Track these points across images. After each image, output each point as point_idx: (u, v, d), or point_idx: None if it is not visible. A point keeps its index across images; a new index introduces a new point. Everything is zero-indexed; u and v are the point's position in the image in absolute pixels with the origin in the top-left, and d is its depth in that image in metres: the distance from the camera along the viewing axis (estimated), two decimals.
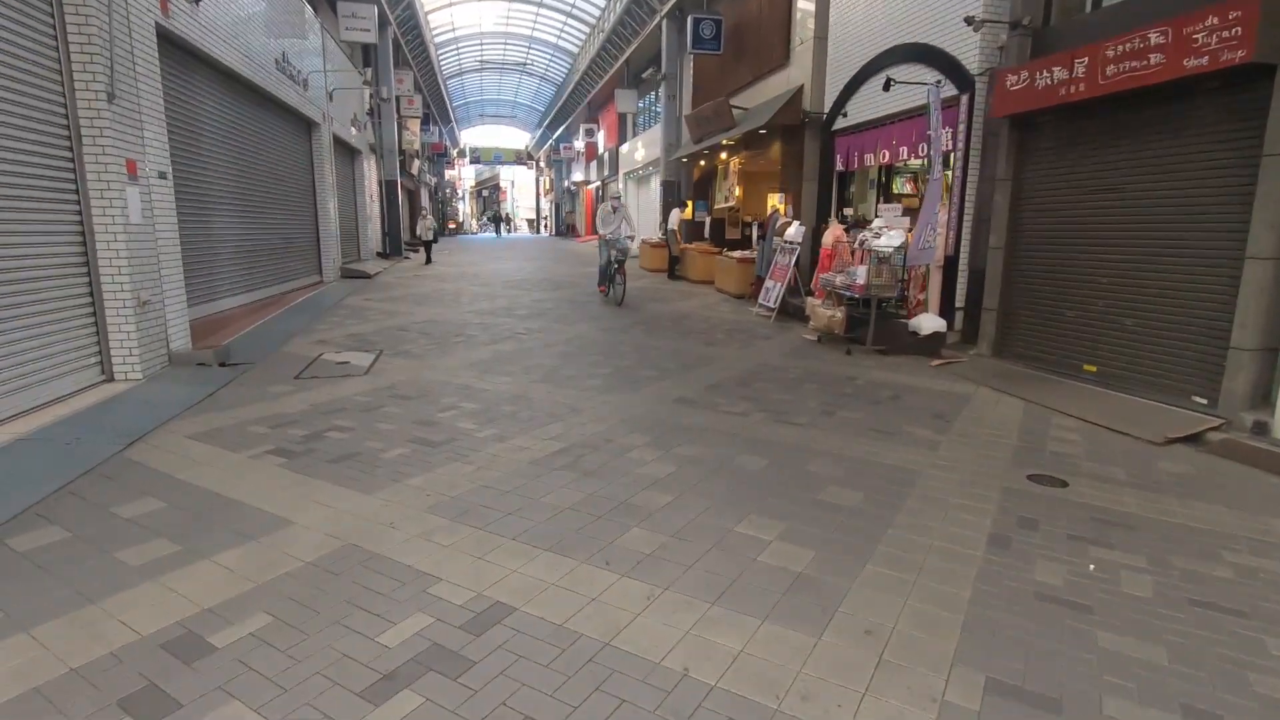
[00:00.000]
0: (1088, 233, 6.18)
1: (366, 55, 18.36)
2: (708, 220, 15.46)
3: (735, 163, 14.22)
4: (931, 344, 7.52)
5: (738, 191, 14.36)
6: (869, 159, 9.48)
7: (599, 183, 31.77)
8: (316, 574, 2.74)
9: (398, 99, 21.46)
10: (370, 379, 6.15)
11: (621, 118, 26.61)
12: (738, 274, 11.72)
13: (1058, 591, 2.69)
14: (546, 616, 2.44)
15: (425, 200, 34.95)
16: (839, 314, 7.72)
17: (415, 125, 24.27)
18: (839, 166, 10.27)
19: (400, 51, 21.16)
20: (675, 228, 14.41)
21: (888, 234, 7.58)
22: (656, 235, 17.77)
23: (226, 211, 8.83)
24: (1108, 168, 5.98)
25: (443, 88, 32.91)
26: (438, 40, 29.03)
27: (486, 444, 4.37)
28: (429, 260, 18.65)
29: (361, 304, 10.74)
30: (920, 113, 8.22)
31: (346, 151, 16.40)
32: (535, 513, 3.32)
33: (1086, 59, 5.69)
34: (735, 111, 13.20)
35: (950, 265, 7.78)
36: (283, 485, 3.67)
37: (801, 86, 11.25)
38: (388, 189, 19.01)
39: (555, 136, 41.87)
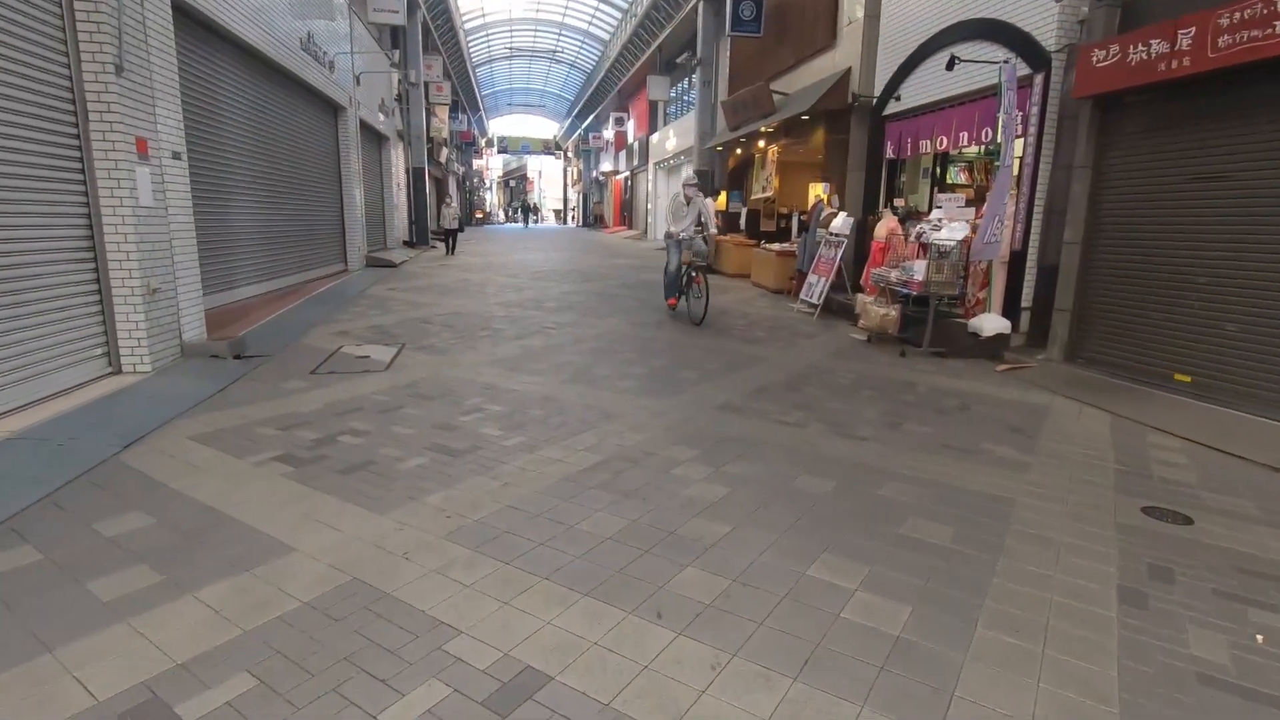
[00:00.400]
0: (1182, 226, 5.52)
1: (395, 39, 18.02)
2: (743, 211, 14.85)
3: (773, 151, 13.60)
4: (994, 347, 6.91)
5: (775, 181, 13.74)
6: (924, 146, 8.83)
7: (628, 172, 31.24)
8: (314, 619, 2.31)
9: (426, 85, 21.13)
10: (390, 375, 5.74)
11: (652, 106, 26.00)
12: (776, 268, 11.14)
13: (1226, 673, 2.15)
14: (589, 692, 1.97)
15: (453, 189, 34.75)
16: (893, 312, 7.13)
17: (444, 112, 23.94)
18: (889, 154, 9.63)
19: (429, 37, 20.80)
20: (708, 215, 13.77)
21: (948, 226, 6.97)
22: None
23: (247, 196, 8.50)
24: (1210, 153, 5.31)
25: (472, 75, 32.58)
26: (467, 26, 28.67)
27: (513, 454, 3.92)
28: (451, 251, 18.10)
29: (385, 294, 10.38)
30: (985, 95, 7.57)
31: (373, 137, 16.09)
32: (570, 544, 2.86)
33: (1194, 29, 5.03)
34: (775, 97, 12.58)
35: (1016, 261, 7.14)
36: (286, 500, 3.25)
37: (849, 69, 10.59)
38: (415, 177, 18.70)
39: (584, 126, 41.39)
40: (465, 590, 2.50)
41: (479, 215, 43.90)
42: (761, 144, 13.97)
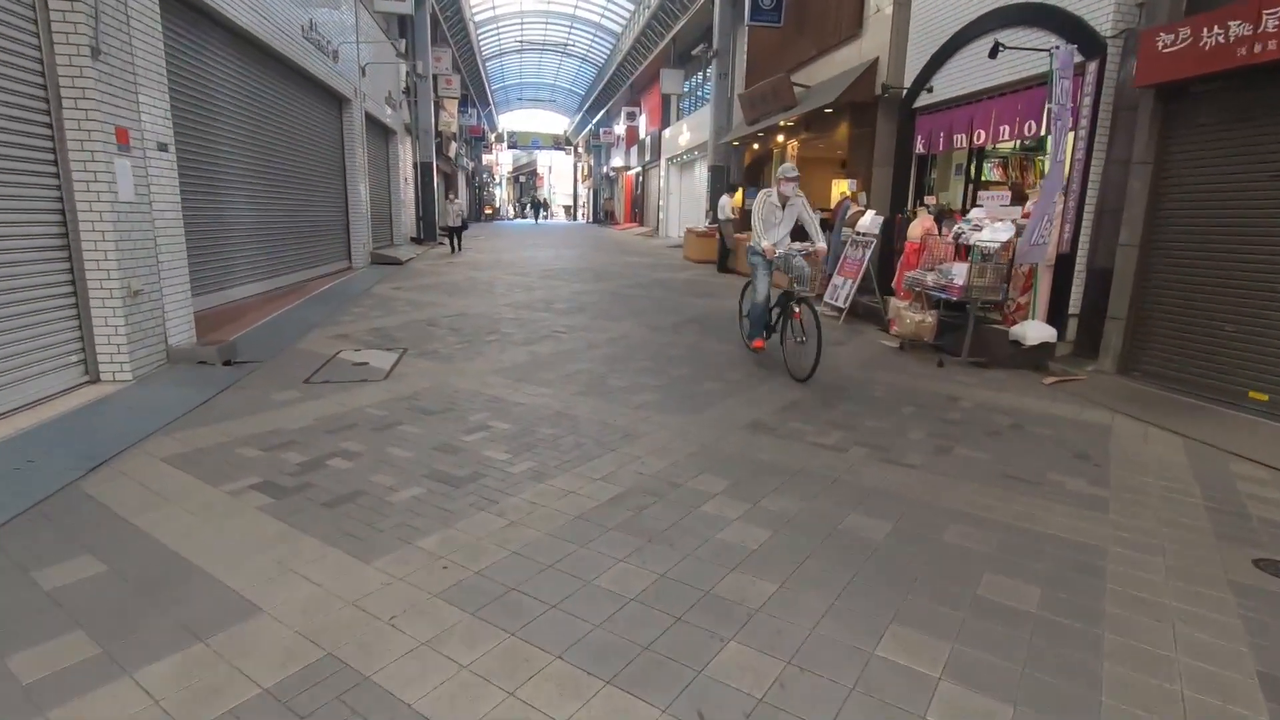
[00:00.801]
0: (1260, 228, 5.00)
1: (403, 29, 17.60)
2: None
3: (793, 146, 13.09)
4: (1037, 356, 6.41)
5: None
6: (958, 140, 8.30)
7: (640, 168, 30.75)
8: (273, 716, 1.87)
9: (435, 78, 20.71)
10: (389, 385, 5.31)
11: (665, 100, 25.49)
12: None
13: None
14: None
15: (462, 184, 34.37)
16: (929, 319, 6.64)
17: (453, 106, 23.52)
18: (919, 149, 9.10)
19: (438, 28, 20.38)
20: (730, 216, 13.32)
21: (990, 226, 6.46)
22: (703, 224, 16.71)
23: (243, 191, 8.09)
24: None
25: (481, 69, 32.14)
26: (477, 19, 28.23)
27: (521, 484, 3.47)
28: (455, 249, 17.05)
29: (389, 293, 9.97)
30: (1029, 85, 7.04)
31: (380, 131, 15.69)
32: (588, 607, 2.41)
33: None
34: (796, 89, 12.06)
35: (1063, 264, 6.62)
36: (260, 542, 2.82)
37: (876, 60, 10.07)
38: (423, 171, 18.29)
39: (595, 121, 40.90)
40: (461, 674, 2.05)
41: (488, 211, 43.50)
42: (781, 139, 13.45)
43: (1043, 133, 6.89)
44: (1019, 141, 8.53)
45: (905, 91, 9.26)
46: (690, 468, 3.74)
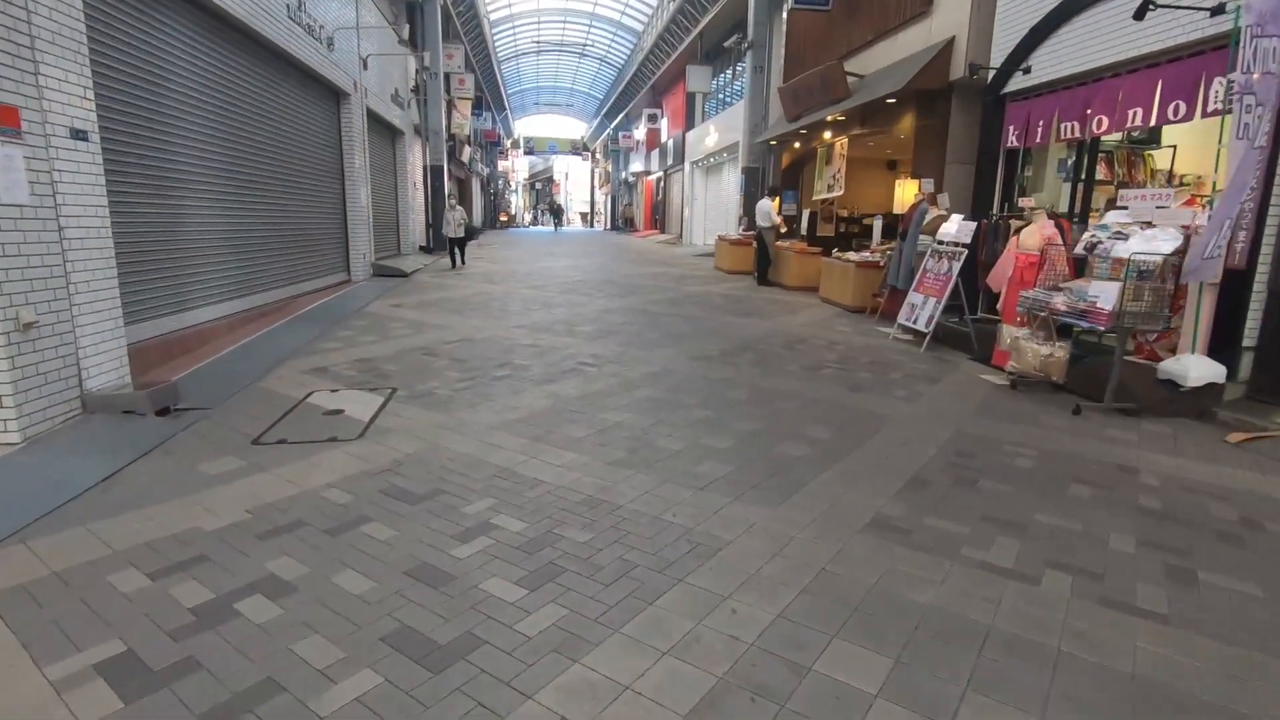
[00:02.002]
0: None
1: (412, 22, 16.43)
2: (806, 214, 12.93)
3: (841, 144, 11.67)
4: (1199, 401, 4.94)
5: (843, 179, 11.80)
6: (1067, 130, 6.85)
7: (661, 173, 29.44)
8: None
9: (448, 77, 19.53)
10: (364, 448, 3.96)
11: (690, 100, 24.15)
12: (856, 282, 9.21)
13: None
14: None
15: (477, 191, 33.24)
16: (1059, 353, 5.18)
17: (466, 108, 22.36)
18: (1011, 142, 7.65)
19: (450, 23, 19.21)
20: (772, 223, 11.92)
21: (1142, 235, 5.00)
22: (736, 231, 15.32)
23: (208, 194, 6.81)
24: None
25: (497, 70, 31.04)
26: (493, 18, 27.13)
27: (543, 662, 2.09)
28: (457, 264, 14.21)
29: (387, 311, 8.66)
30: (1179, 55, 5.60)
31: (386, 131, 14.48)
32: None
33: None
34: (849, 80, 10.65)
35: (1234, 282, 5.14)
36: None
37: (951, 40, 8.64)
38: (433, 175, 17.07)
39: (614, 125, 39.70)
40: None
41: (503, 218, 42.37)
42: (828, 135, 12.04)
43: (1200, 112, 5.43)
44: (1127, 133, 7.08)
45: (993, 74, 7.81)
46: (812, 621, 2.34)
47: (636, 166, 35.10)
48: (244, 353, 6.19)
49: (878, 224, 9.92)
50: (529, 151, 51.17)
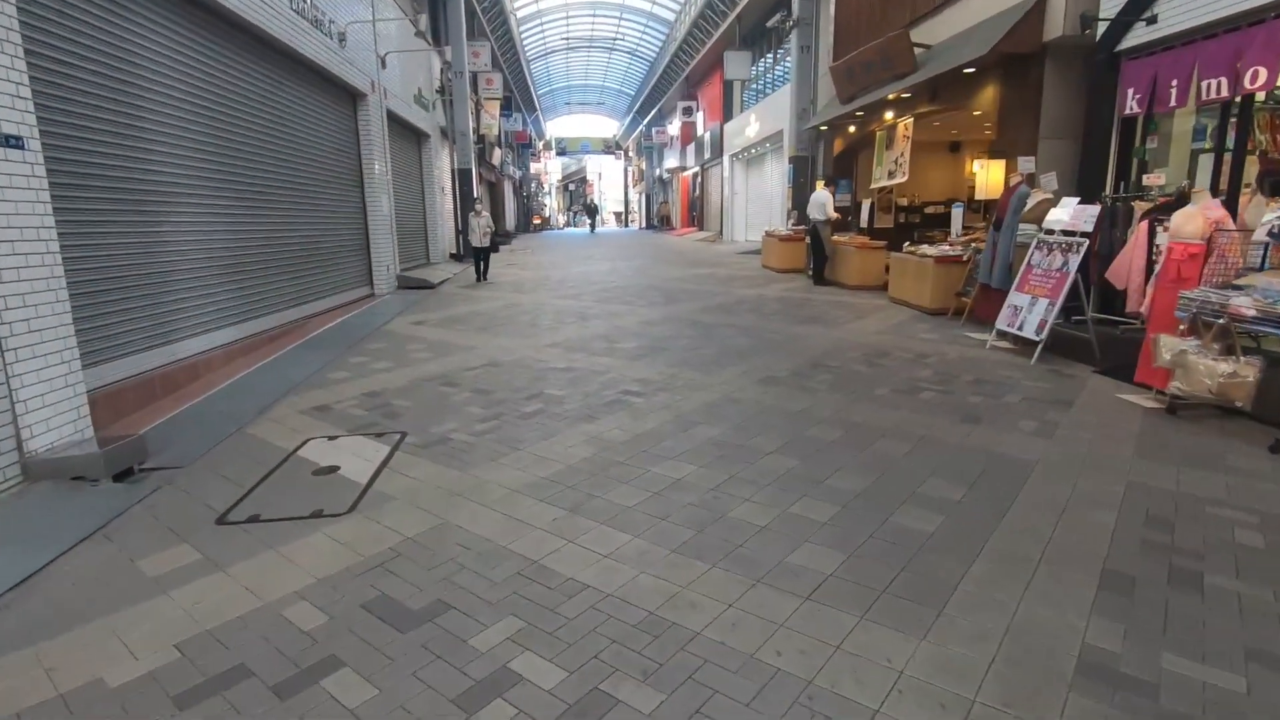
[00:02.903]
0: None
1: (435, 17, 15.70)
2: (866, 205, 11.72)
3: (905, 125, 10.44)
4: None
5: (907, 164, 10.57)
6: (1208, 89, 5.59)
7: (697, 168, 28.32)
8: None
9: (474, 76, 18.80)
10: (353, 528, 3.06)
11: (727, 89, 23.00)
12: (935, 280, 8.02)
13: None
14: None
15: (509, 194, 32.64)
16: (1245, 370, 3.98)
17: (494, 108, 21.62)
18: (1131, 108, 6.38)
19: (475, 20, 18.46)
20: (827, 216, 10.77)
21: None
22: (785, 226, 14.17)
23: (201, 208, 6.04)
24: None
25: (526, 70, 30.33)
26: (520, 14, 26.38)
27: None
28: (482, 277, 12.53)
29: (408, 330, 7.83)
30: None
31: (410, 134, 13.76)
32: None
33: None
34: (915, 51, 9.44)
35: None
36: None
37: None
38: (461, 179, 16.32)
39: (646, 121, 38.70)
40: None
41: (536, 220, 41.73)
42: (889, 116, 10.81)
43: None
44: (1271, 91, 5.77)
45: (1105, 29, 6.55)
46: None
47: (671, 163, 34.03)
48: (238, 389, 5.39)
49: (958, 213, 8.70)
50: (561, 152, 50.51)
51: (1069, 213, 5.87)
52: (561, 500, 3.29)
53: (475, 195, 15.38)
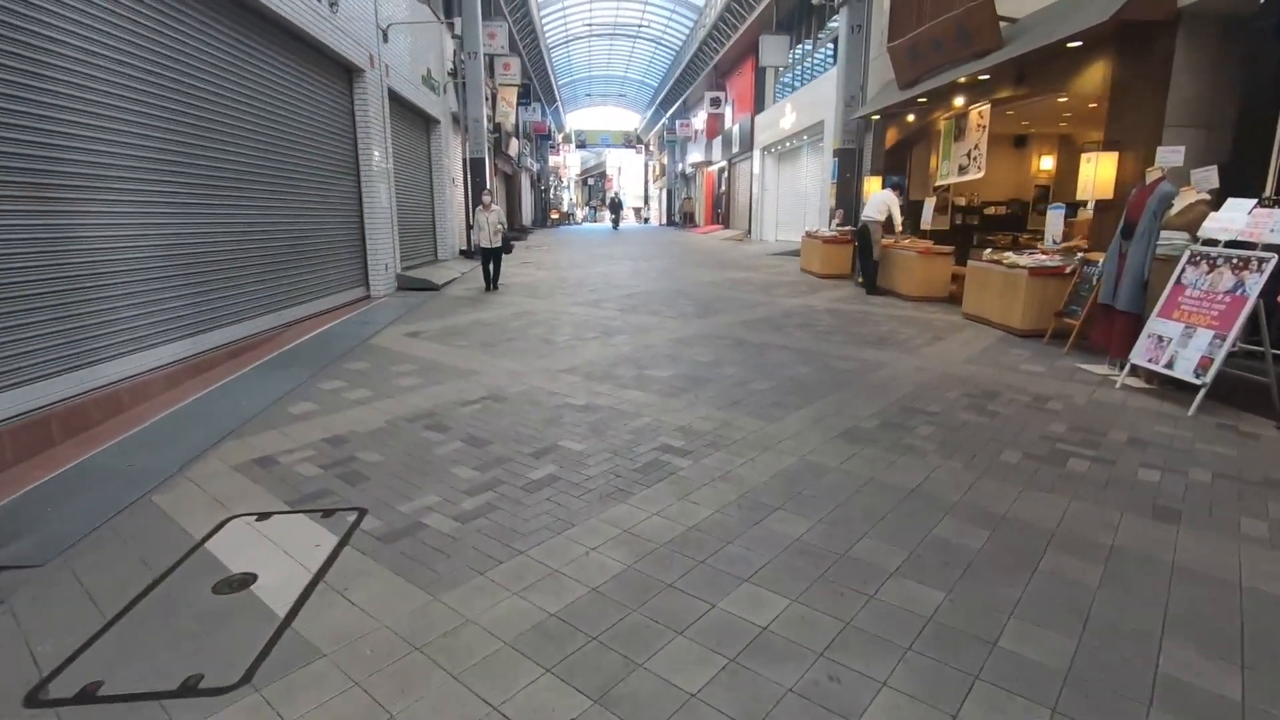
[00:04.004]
0: None
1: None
2: (929, 204, 10.33)
3: (978, 114, 9.06)
4: None
5: (980, 158, 9.20)
6: None
7: (724, 163, 26.95)
8: None
9: (491, 61, 17.59)
10: None
11: (759, 78, 21.63)
12: (1028, 296, 6.68)
13: None
14: None
15: (526, 187, 31.47)
16: None
17: (511, 95, 20.38)
18: None
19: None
20: (885, 218, 9.45)
21: None
22: (827, 227, 12.81)
23: (140, 197, 4.85)
24: None
25: (546, 59, 29.08)
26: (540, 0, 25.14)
27: None
28: (492, 285, 10.35)
29: (399, 345, 6.62)
30: None
31: (418, 119, 12.57)
32: None
33: None
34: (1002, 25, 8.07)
35: None
36: None
37: None
38: (473, 169, 15.12)
39: (669, 114, 37.34)
40: None
41: (555, 215, 40.51)
42: (960, 102, 9.43)
43: None
44: None
45: None
46: None
47: (695, 157, 32.65)
48: (165, 428, 4.20)
49: (1055, 215, 7.31)
50: (580, 145, 49.31)
51: (1243, 218, 4.52)
52: (581, 675, 2.04)
53: (485, 186, 14.13)
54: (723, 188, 28.17)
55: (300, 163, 7.45)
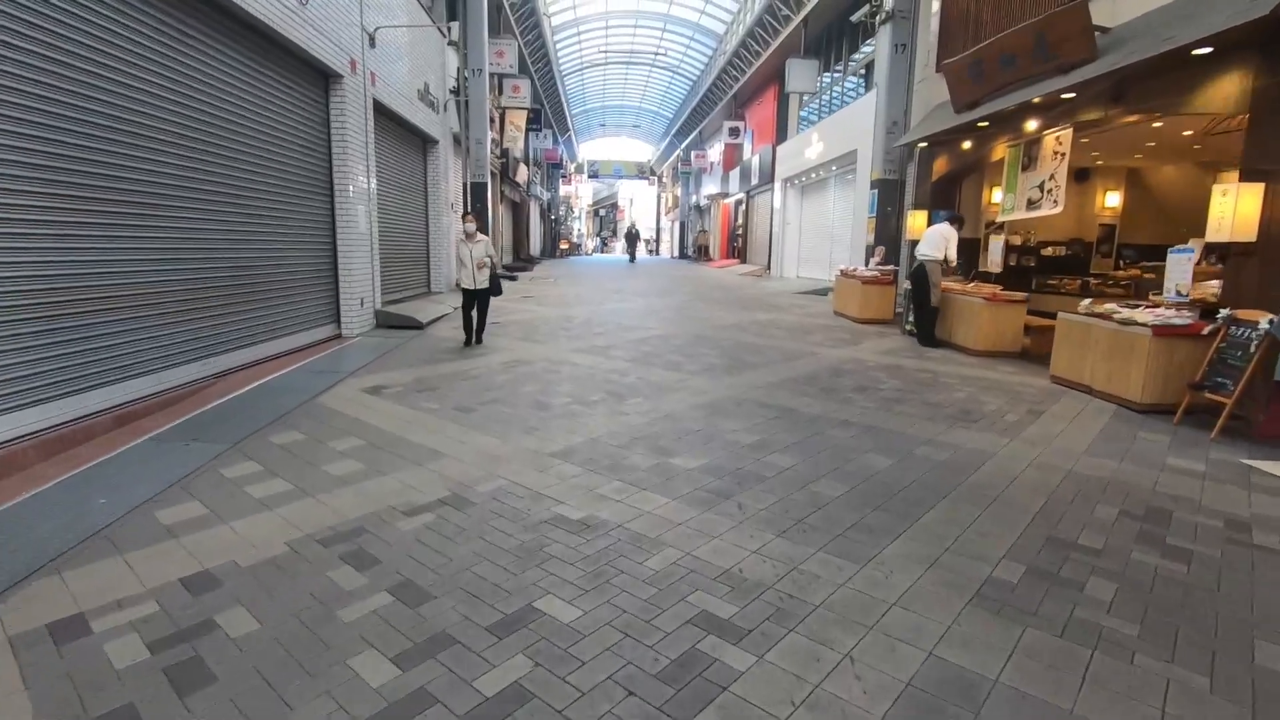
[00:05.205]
0: None
1: (452, 2, 13.49)
2: (999, 244, 8.98)
3: (1055, 139, 7.75)
4: None
5: (1057, 191, 7.88)
6: None
7: (741, 195, 25.83)
8: None
9: (499, 81, 16.58)
10: None
11: (782, 106, 20.57)
12: (1150, 362, 5.26)
13: None
14: None
15: (535, 217, 30.46)
16: None
17: (520, 119, 19.36)
18: None
19: (501, 14, 16.28)
20: (945, 256, 8.12)
21: None
22: (866, 265, 11.46)
23: None
24: None
25: (559, 84, 28.28)
26: (555, 20, 24.34)
27: None
28: (475, 339, 7.90)
29: (349, 408, 5.22)
30: None
31: (413, 138, 11.41)
32: None
33: None
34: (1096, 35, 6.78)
35: None
36: None
37: None
38: (474, 194, 13.94)
39: (685, 144, 36.50)
40: None
41: (564, 245, 39.47)
42: (1033, 126, 8.12)
43: None
44: None
45: None
46: None
47: (711, 189, 31.62)
48: None
49: (1181, 259, 5.87)
50: (593, 175, 48.59)
51: None
52: None
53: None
54: (739, 220, 27.02)
55: (252, 177, 6.18)
